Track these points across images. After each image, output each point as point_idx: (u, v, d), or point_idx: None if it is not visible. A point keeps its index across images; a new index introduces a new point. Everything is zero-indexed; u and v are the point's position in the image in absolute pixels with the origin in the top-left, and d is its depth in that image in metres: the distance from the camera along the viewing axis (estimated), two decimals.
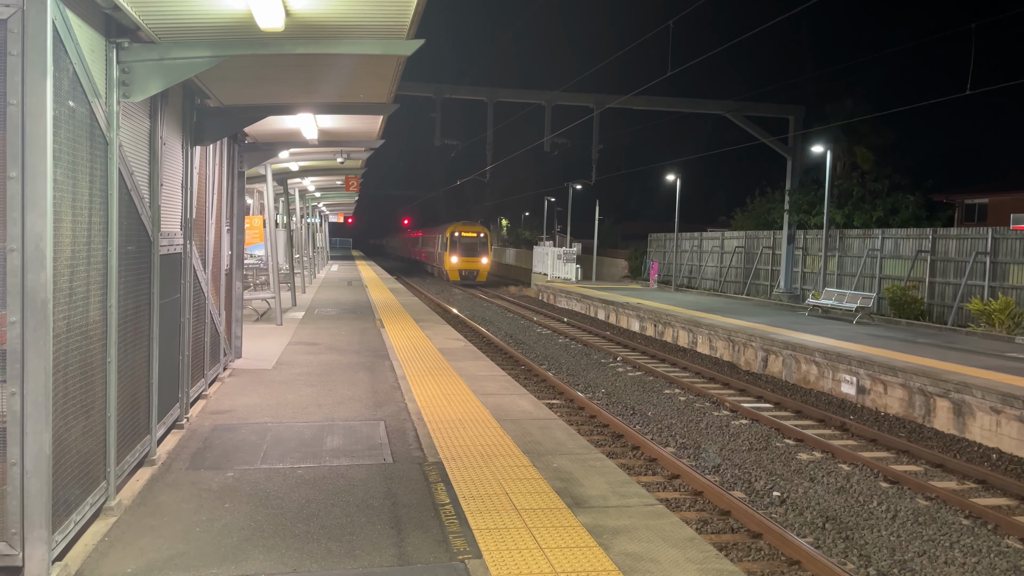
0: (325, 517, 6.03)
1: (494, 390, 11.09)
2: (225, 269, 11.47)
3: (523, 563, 5.26)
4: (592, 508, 6.35)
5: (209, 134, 9.05)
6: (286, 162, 18.72)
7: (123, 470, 6.36)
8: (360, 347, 14.93)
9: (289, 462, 7.41)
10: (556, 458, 7.73)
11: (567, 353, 20.84)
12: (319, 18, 6.28)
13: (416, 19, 6.30)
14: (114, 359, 5.88)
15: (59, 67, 4.85)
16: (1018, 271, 21.96)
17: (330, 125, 12.71)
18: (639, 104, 31.33)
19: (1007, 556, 7.92)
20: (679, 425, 13.05)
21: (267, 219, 19.79)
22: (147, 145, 7.03)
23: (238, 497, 6.41)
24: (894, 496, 9.64)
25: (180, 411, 8.53)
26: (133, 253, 6.53)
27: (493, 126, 33.07)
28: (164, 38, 6.52)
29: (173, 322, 8.08)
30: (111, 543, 5.46)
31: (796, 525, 8.66)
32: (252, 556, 5.29)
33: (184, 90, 8.40)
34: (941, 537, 8.38)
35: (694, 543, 5.69)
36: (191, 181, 8.61)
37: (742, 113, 31.68)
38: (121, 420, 6.19)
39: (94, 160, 5.55)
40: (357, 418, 9.24)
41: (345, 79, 8.79)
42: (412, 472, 7.19)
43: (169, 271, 7.79)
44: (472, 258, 53.60)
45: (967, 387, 12.69)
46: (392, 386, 11.18)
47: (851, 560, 7.81)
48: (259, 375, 11.81)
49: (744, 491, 9.81)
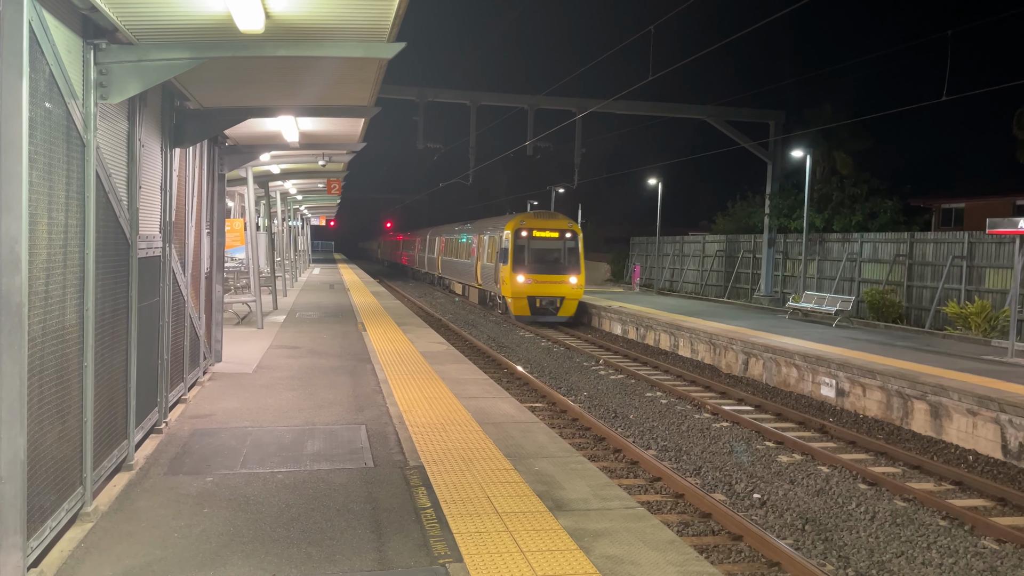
0: (305, 522, 5.99)
1: (476, 393, 11.07)
2: (205, 272, 11.39)
3: (504, 566, 5.25)
4: (573, 511, 6.35)
5: (188, 136, 8.99)
6: (267, 165, 18.62)
7: (100, 475, 6.29)
8: (342, 351, 14.87)
9: (269, 467, 7.36)
10: (538, 461, 7.73)
11: (549, 356, 20.86)
12: (299, 20, 6.25)
13: (397, 22, 6.30)
14: (91, 363, 5.82)
15: (35, 68, 4.80)
16: (994, 275, 22.23)
17: (311, 128, 12.66)
18: (621, 108, 31.45)
19: (983, 557, 8.00)
20: (661, 428, 13.09)
21: (248, 222, 19.67)
22: (125, 147, 6.97)
23: (217, 502, 6.36)
24: (873, 497, 9.72)
25: (159, 415, 8.45)
26: (111, 256, 6.47)
27: (476, 130, 33.07)
28: (142, 39, 6.47)
29: (152, 326, 8.02)
30: (87, 549, 5.40)
31: (776, 527, 8.71)
32: (231, 562, 5.24)
33: (163, 92, 8.34)
34: (919, 538, 8.45)
35: (674, 545, 5.71)
36: (170, 184, 8.55)
37: (723, 118, 31.87)
38: (98, 425, 6.13)
39: (71, 162, 5.49)
40: (338, 422, 9.19)
41: (326, 82, 8.76)
42: (393, 476, 7.16)
43: (148, 274, 7.72)
44: (554, 277, 28.70)
45: (944, 390, 12.82)
46: (374, 390, 11.14)
47: (830, 561, 7.86)
48: (239, 379, 11.73)
49: (725, 493, 9.86)
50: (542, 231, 29.24)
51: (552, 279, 28.43)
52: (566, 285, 28.60)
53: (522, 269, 28.38)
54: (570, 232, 29.55)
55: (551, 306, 28.44)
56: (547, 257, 28.97)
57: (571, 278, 28.71)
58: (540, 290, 28.32)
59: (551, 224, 29.73)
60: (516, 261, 28.56)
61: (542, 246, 29.16)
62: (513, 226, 29.27)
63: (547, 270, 28.43)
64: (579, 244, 29.38)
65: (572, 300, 28.81)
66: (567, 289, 28.60)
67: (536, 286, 28.30)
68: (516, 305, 28.55)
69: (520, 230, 29.05)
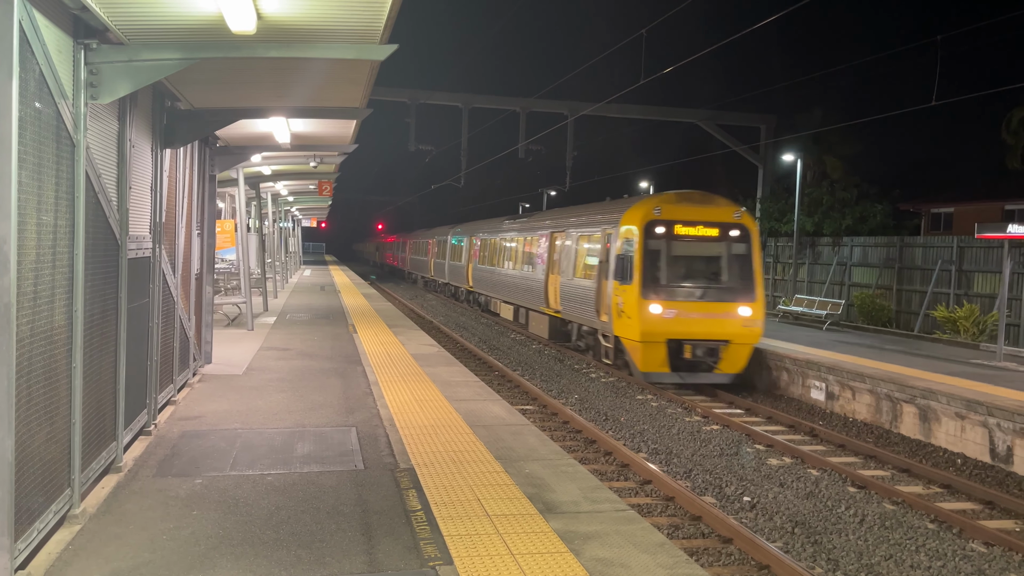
0: (295, 524, 5.97)
1: (467, 396, 11.07)
2: (195, 273, 11.35)
3: (494, 569, 5.25)
4: (564, 514, 6.35)
5: (179, 137, 8.96)
6: (258, 166, 18.57)
7: (88, 477, 6.26)
8: (332, 353, 14.83)
9: (259, 469, 7.33)
10: (528, 464, 7.73)
11: (541, 358, 20.87)
12: (291, 21, 6.24)
13: (390, 24, 6.29)
14: (79, 364, 5.79)
15: (25, 68, 4.78)
16: (983, 279, 22.38)
17: (303, 129, 12.64)
18: (613, 112, 31.55)
19: (971, 560, 8.04)
20: (651, 431, 13.11)
21: (239, 223, 19.62)
22: (115, 147, 6.95)
23: (206, 504, 6.33)
24: (862, 500, 9.75)
25: (148, 417, 8.41)
26: (100, 257, 6.44)
27: (468, 132, 33.09)
28: (133, 40, 6.45)
29: (141, 327, 7.98)
30: (75, 551, 5.37)
31: (766, 530, 8.73)
32: (220, 564, 5.22)
33: (154, 92, 8.31)
34: (907, 541, 8.49)
35: (664, 548, 5.71)
36: (161, 184, 8.51)
37: (714, 122, 32.02)
38: (86, 426, 6.09)
39: (60, 162, 5.47)
40: (328, 424, 9.17)
41: (318, 83, 8.75)
42: (383, 478, 7.15)
43: (137, 275, 7.69)
44: (713, 307, 16.75)
45: (932, 393, 12.88)
46: (364, 392, 11.12)
47: (819, 564, 7.88)
48: (229, 381, 11.68)
49: (715, 496, 9.87)
50: (692, 226, 16.76)
51: (710, 309, 16.33)
52: (733, 319, 16.36)
53: (658, 291, 16.23)
54: (737, 227, 16.88)
55: (708, 356, 16.22)
56: (701, 270, 16.95)
57: (742, 307, 16.46)
58: (690, 328, 16.14)
59: (706, 213, 17.01)
60: (648, 278, 16.26)
61: (692, 251, 17.01)
62: (642, 216, 16.69)
63: (701, 293, 16.53)
64: (753, 246, 17.06)
65: (742, 345, 16.52)
66: (734, 327, 16.38)
67: (683, 322, 16.18)
68: (647, 354, 16.10)
69: (654, 223, 16.57)
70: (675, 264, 16.88)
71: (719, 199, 17.78)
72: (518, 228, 27.70)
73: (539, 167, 48.64)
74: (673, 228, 16.79)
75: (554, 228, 23.04)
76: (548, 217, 25.31)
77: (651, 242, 16.62)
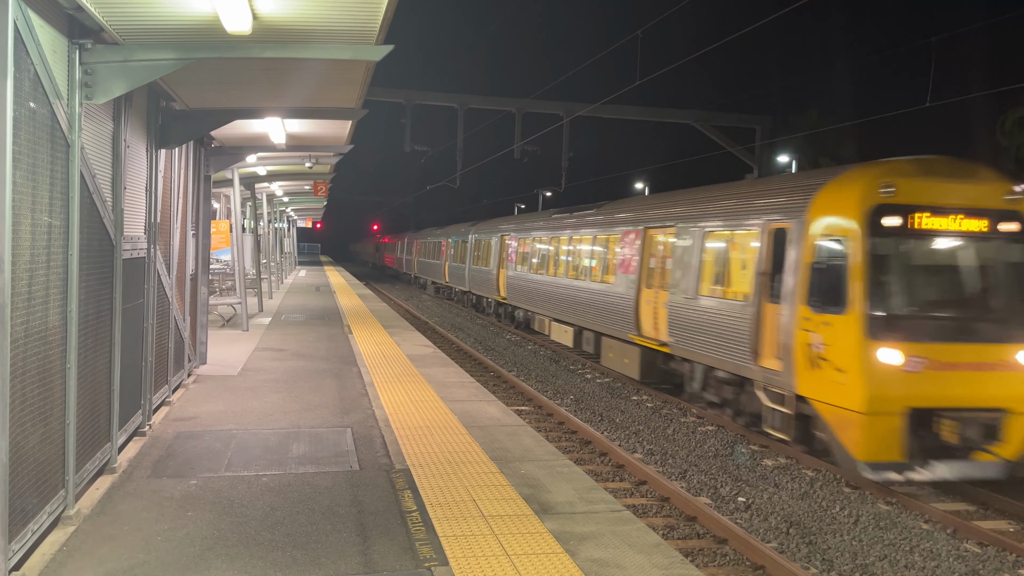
0: (290, 525, 5.97)
1: (463, 396, 11.06)
2: (190, 274, 11.33)
3: (489, 570, 5.25)
4: (559, 514, 6.36)
5: (174, 137, 8.95)
6: (253, 166, 18.54)
7: (82, 478, 6.24)
8: (327, 353, 14.82)
9: (254, 470, 7.32)
10: (524, 464, 7.74)
11: (536, 359, 20.87)
12: (287, 22, 6.24)
13: (385, 24, 6.30)
14: (74, 365, 5.77)
15: (20, 68, 4.77)
16: None
17: (298, 130, 12.63)
18: (608, 113, 31.54)
19: (965, 560, 8.07)
20: (646, 431, 13.12)
21: (234, 224, 19.59)
22: (110, 148, 6.94)
23: (201, 505, 6.32)
24: (856, 501, 9.77)
25: (142, 418, 8.39)
26: (95, 257, 6.43)
27: (463, 133, 33.10)
28: (128, 40, 6.44)
29: (136, 327, 7.97)
30: (69, 553, 5.36)
31: (761, 530, 8.75)
32: (215, 565, 5.21)
33: (149, 92, 8.30)
34: (902, 541, 8.51)
35: (660, 549, 5.72)
36: (155, 185, 8.50)
37: (710, 123, 32.04)
38: (81, 427, 6.08)
39: (55, 162, 5.46)
40: (324, 425, 9.16)
41: (314, 84, 8.75)
42: (379, 479, 7.14)
43: (132, 276, 7.67)
44: (991, 355, 9.68)
45: None
46: (360, 393, 11.11)
47: (814, 564, 7.90)
48: (224, 381, 11.66)
49: (710, 497, 9.89)
50: (946, 214, 10.32)
51: (981, 356, 9.95)
52: (1018, 372, 9.97)
53: (895, 326, 9.88)
54: (1014, 216, 10.47)
55: (980, 435, 9.51)
56: (961, 290, 10.45)
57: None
58: (951, 390, 9.80)
59: (964, 194, 10.41)
60: (876, 303, 9.95)
61: (947, 258, 10.53)
62: (860, 198, 10.30)
63: (965, 329, 10.05)
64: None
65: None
66: (1020, 385, 9.94)
67: (938, 380, 9.79)
68: (873, 434, 9.64)
69: (884, 211, 10.18)
70: (921, 280, 10.37)
71: (980, 170, 10.86)
72: (579, 223, 20.72)
73: (535, 168, 48.38)
74: (915, 218, 10.21)
75: (650, 223, 16.16)
76: (633, 207, 18.08)
77: (880, 242, 10.07)
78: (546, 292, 22.34)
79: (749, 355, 11.86)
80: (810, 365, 10.45)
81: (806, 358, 10.51)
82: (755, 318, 11.81)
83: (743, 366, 12.08)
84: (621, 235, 17.47)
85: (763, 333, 11.66)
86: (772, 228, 11.75)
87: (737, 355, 12.22)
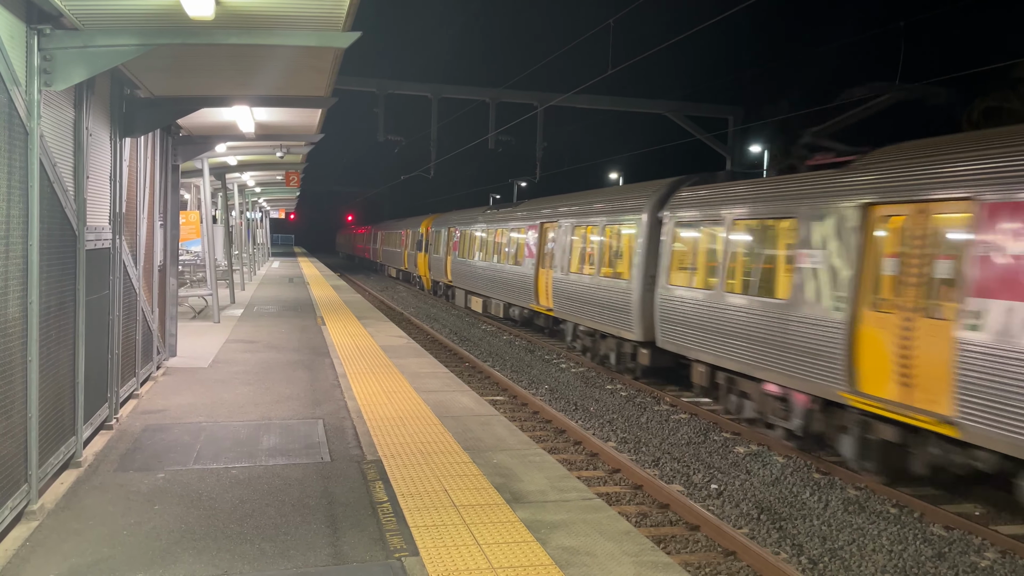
0: (259, 517, 5.91)
1: (436, 387, 11.03)
2: (159, 265, 11.17)
3: (460, 559, 5.24)
4: (531, 503, 6.36)
5: (139, 126, 8.80)
6: (223, 156, 18.30)
7: (46, 473, 6.13)
8: (300, 345, 14.70)
9: (223, 462, 7.24)
10: (496, 454, 7.73)
11: (512, 349, 20.86)
12: (251, 8, 6.14)
13: (352, 11, 6.21)
14: (35, 357, 5.66)
15: None
16: None
17: (267, 118, 12.47)
18: (581, 102, 31.49)
19: (932, 543, 8.19)
20: (620, 420, 13.18)
21: (204, 214, 19.34)
22: (72, 136, 6.80)
23: (168, 499, 6.24)
24: (826, 487, 9.89)
25: (109, 411, 8.27)
26: (56, 248, 6.30)
27: (437, 123, 32.90)
28: (88, 25, 6.30)
29: (101, 319, 7.83)
30: (33, 548, 5.26)
31: (732, 517, 8.82)
32: (181, 559, 5.15)
33: (112, 79, 8.14)
34: (870, 526, 8.62)
35: (630, 536, 5.74)
36: (120, 174, 8.35)
37: (682, 113, 32.12)
38: (43, 421, 5.97)
39: (13, 151, 5.33)
40: (295, 416, 9.09)
41: (281, 71, 8.63)
42: (350, 470, 7.10)
43: (96, 267, 7.54)
44: None
45: None
46: (332, 384, 11.03)
47: (784, 549, 7.98)
48: (194, 374, 11.53)
49: (683, 484, 9.95)
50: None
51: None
52: None
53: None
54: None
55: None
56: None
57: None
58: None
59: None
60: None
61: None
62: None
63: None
64: None
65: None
66: None
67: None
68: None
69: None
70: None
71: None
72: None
73: (510, 157, 48.17)
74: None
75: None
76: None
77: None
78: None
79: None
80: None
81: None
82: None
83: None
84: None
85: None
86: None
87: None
